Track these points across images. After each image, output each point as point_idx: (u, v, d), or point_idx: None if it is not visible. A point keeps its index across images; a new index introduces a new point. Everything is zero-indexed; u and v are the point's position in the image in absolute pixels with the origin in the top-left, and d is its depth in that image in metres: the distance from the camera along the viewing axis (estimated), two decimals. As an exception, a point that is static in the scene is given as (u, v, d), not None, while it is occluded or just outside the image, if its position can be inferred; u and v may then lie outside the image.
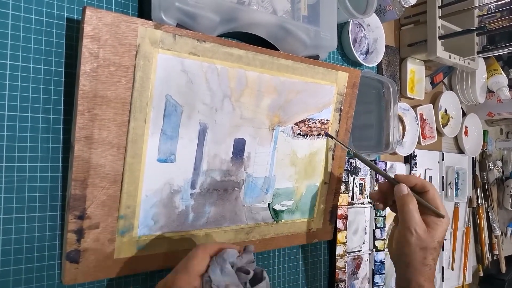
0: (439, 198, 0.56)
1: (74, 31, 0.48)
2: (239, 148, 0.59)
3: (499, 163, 1.36)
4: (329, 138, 0.69)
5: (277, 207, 0.66)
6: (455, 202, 1.12)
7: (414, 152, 0.97)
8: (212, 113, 0.55)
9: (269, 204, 0.65)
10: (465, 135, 1.17)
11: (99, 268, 0.48)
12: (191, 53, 0.51)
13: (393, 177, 0.59)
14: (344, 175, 0.76)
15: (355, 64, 0.84)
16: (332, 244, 0.77)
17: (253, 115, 0.59)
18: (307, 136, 0.67)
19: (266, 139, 0.62)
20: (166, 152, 0.52)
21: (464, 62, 0.97)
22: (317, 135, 0.68)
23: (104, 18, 0.44)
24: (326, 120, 0.69)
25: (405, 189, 0.55)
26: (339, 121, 0.71)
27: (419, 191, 0.56)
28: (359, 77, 0.72)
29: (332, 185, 0.74)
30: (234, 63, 0.55)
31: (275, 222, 0.66)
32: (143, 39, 0.47)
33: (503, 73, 1.16)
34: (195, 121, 0.53)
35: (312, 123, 0.67)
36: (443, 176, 1.07)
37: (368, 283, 0.83)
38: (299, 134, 0.66)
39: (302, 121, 0.66)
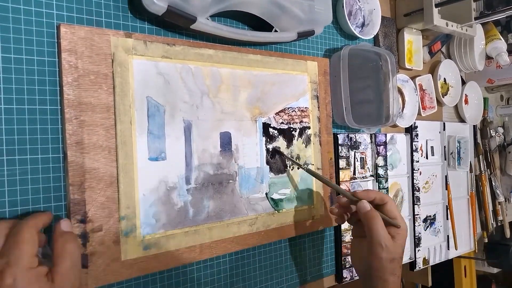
0: (396, 209, 0.60)
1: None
2: (225, 141, 0.62)
3: (500, 130, 1.35)
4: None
5: (275, 196, 0.67)
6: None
7: (414, 123, 0.97)
8: (193, 110, 0.58)
9: (266, 193, 0.66)
10: (465, 104, 1.16)
11: (109, 272, 0.49)
12: (163, 57, 0.55)
13: (351, 193, 0.62)
14: (344, 150, 0.78)
15: (351, 37, 0.85)
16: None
17: (233, 108, 0.63)
18: (290, 124, 0.70)
19: (251, 131, 0.65)
20: (156, 150, 0.54)
21: (462, 29, 0.96)
22: (299, 123, 0.71)
23: (77, 32, 0.48)
24: (305, 107, 0.73)
25: (368, 205, 0.58)
26: (318, 107, 0.75)
27: (378, 204, 0.59)
28: (328, 65, 0.77)
29: (326, 171, 0.75)
30: (206, 62, 0.60)
31: (276, 211, 0.67)
32: (116, 47, 0.51)
33: (501, 38, 1.15)
34: (179, 119, 0.57)
35: (292, 111, 0.71)
36: (444, 146, 1.07)
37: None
38: (282, 123, 0.69)
39: (282, 111, 0.69)
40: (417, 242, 0.91)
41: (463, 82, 1.18)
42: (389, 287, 0.55)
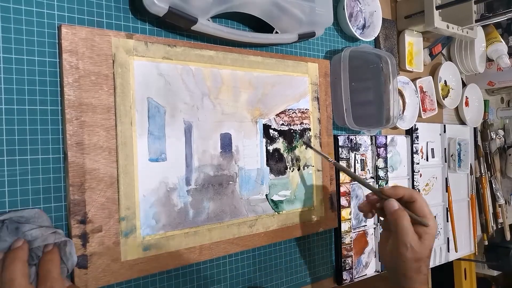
0: (426, 206, 0.56)
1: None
2: (226, 142, 0.62)
3: (501, 132, 1.35)
4: (307, 146, 0.72)
5: (275, 197, 0.67)
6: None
7: (415, 125, 0.96)
8: (194, 111, 0.58)
9: (266, 195, 0.66)
10: (466, 106, 1.16)
11: (108, 272, 0.49)
12: (164, 58, 0.55)
13: (379, 190, 0.59)
14: (345, 152, 0.78)
15: (352, 39, 0.85)
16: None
17: (234, 110, 0.63)
18: (291, 125, 0.70)
19: (251, 132, 0.65)
20: (156, 151, 0.54)
21: (463, 31, 0.96)
22: (299, 124, 0.71)
23: (78, 33, 0.48)
24: (306, 109, 0.73)
25: (395, 204, 0.55)
26: (319, 109, 0.75)
27: (407, 201, 0.57)
28: (328, 66, 0.77)
29: (326, 172, 0.75)
30: (207, 63, 0.60)
31: (276, 213, 0.67)
32: (117, 48, 0.51)
33: (502, 40, 1.15)
34: (179, 120, 0.57)
35: (292, 113, 0.71)
36: (445, 148, 1.07)
37: (375, 257, 0.84)
38: (282, 124, 0.69)
39: (282, 112, 0.69)
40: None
41: (464, 84, 1.18)
42: (414, 285, 0.54)
